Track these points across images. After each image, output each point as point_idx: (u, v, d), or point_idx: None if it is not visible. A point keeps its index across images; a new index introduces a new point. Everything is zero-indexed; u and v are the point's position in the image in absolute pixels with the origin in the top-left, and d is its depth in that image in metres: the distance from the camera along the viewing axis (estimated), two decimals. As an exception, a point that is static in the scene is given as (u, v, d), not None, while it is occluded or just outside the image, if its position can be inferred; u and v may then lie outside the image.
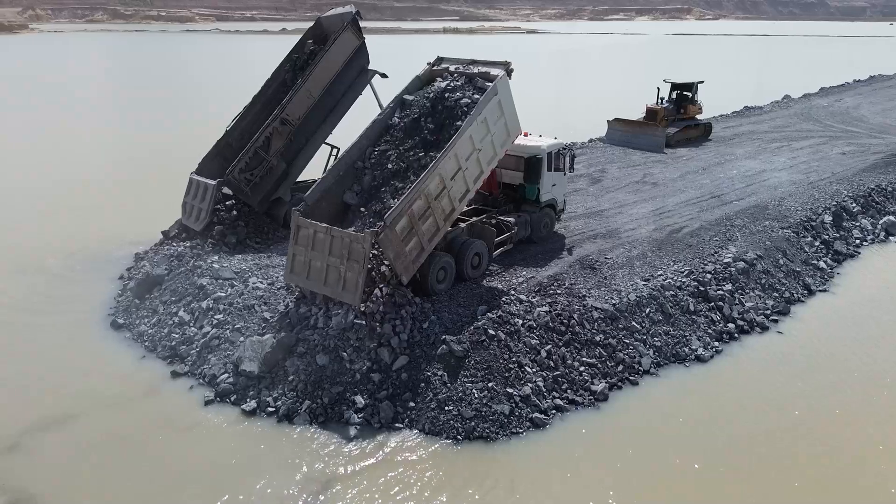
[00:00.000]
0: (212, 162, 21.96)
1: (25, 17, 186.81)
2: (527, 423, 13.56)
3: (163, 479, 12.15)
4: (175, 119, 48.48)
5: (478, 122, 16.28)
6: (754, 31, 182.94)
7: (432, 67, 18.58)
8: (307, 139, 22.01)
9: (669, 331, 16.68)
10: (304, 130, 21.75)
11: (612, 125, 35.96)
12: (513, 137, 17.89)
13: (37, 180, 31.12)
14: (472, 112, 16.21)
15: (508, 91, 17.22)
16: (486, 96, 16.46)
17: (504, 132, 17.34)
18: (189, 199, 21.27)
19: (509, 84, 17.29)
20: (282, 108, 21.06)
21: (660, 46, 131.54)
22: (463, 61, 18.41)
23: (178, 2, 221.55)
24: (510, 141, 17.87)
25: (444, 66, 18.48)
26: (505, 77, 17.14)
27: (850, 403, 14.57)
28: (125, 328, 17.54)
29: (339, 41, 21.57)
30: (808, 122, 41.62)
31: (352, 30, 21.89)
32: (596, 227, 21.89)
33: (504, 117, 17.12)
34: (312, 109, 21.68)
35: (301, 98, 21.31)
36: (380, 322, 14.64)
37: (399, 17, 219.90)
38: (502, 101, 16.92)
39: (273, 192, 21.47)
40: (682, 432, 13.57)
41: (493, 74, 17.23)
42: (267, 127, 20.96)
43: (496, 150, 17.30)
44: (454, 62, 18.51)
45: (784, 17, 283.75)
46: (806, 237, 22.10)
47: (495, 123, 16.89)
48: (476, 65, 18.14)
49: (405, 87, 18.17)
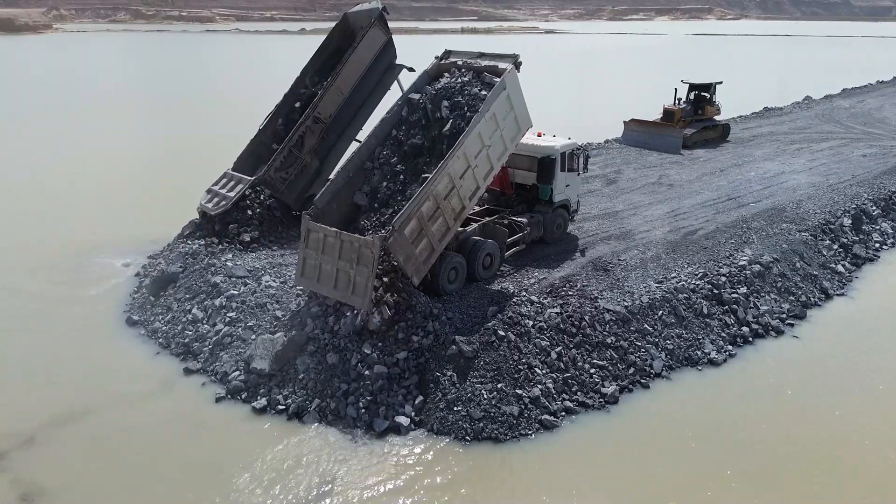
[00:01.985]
0: (246, 160, 22.31)
1: (50, 18, 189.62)
2: (536, 425, 13.51)
3: (171, 474, 12.27)
4: (197, 119, 48.92)
5: (486, 119, 16.03)
6: (776, 32, 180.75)
7: (440, 61, 18.31)
8: (339, 136, 22.28)
9: (682, 334, 16.52)
10: (335, 127, 22.02)
11: (628, 126, 35.71)
12: (524, 131, 17.55)
13: (57, 178, 31.56)
14: (481, 109, 15.99)
15: (517, 84, 16.88)
16: (493, 92, 16.18)
17: (514, 126, 17.05)
18: (216, 188, 21.58)
19: (518, 77, 16.98)
20: (314, 107, 21.27)
21: (679, 47, 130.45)
22: (471, 54, 18.13)
23: (198, 2, 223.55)
24: (521, 135, 17.57)
25: (452, 61, 18.18)
26: (513, 70, 16.79)
27: (867, 410, 14.31)
28: (140, 325, 17.73)
29: (366, 38, 21.67)
30: (829, 123, 41.05)
31: (379, 26, 21.97)
32: (610, 228, 21.76)
33: (514, 111, 16.82)
34: (343, 107, 21.89)
35: (332, 96, 21.52)
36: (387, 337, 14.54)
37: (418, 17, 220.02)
38: (511, 96, 16.60)
39: (307, 190, 21.68)
40: (693, 437, 13.43)
41: (502, 68, 16.89)
42: (300, 126, 21.19)
43: (506, 145, 17.06)
44: (462, 55, 18.26)
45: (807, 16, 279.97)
46: (824, 240, 21.79)
47: (505, 118, 16.61)
48: (484, 58, 17.80)
49: (413, 83, 18.08)
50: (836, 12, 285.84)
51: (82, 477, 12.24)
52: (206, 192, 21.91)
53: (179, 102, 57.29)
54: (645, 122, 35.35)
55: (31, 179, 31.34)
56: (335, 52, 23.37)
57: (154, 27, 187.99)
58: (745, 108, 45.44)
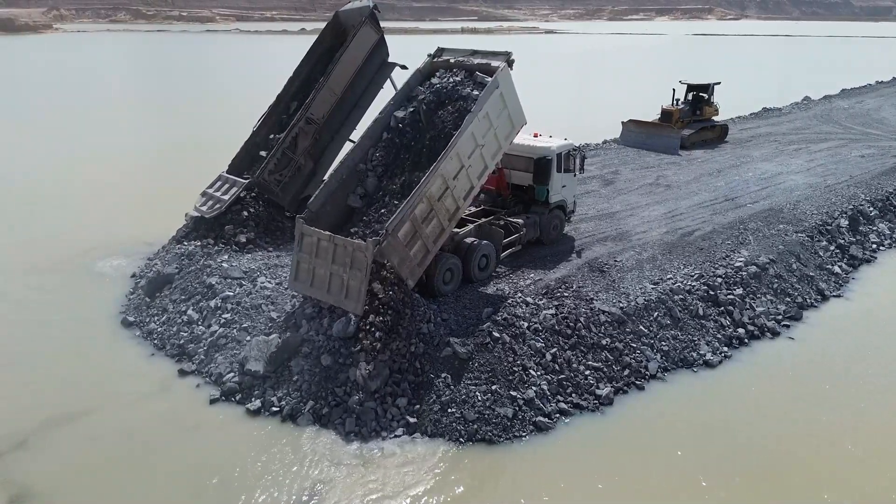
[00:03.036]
0: (241, 162, 22.31)
1: (50, 17, 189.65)
2: (530, 427, 13.48)
3: (163, 476, 12.24)
4: (195, 119, 48.93)
5: (479, 118, 15.94)
6: (776, 32, 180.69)
7: (433, 59, 18.25)
8: (332, 136, 22.25)
9: (678, 335, 16.50)
10: (328, 128, 21.96)
11: (626, 126, 35.71)
12: (517, 128, 17.47)
13: (54, 178, 31.54)
14: (473, 108, 15.90)
15: (510, 82, 16.81)
16: (486, 91, 16.10)
17: (508, 124, 16.97)
18: (211, 191, 21.55)
19: (511, 75, 16.91)
20: (306, 108, 21.23)
21: (679, 47, 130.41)
22: (464, 52, 18.08)
23: (199, 2, 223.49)
24: (515, 132, 17.50)
25: (445, 59, 18.12)
26: (506, 68, 16.73)
27: (864, 413, 14.28)
28: (135, 326, 17.70)
29: (357, 37, 21.64)
30: (828, 124, 41.03)
31: (370, 24, 21.94)
32: (606, 229, 21.74)
33: (507, 109, 16.72)
34: (336, 106, 21.86)
35: (324, 96, 21.49)
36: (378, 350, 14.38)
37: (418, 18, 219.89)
38: (504, 94, 16.52)
39: (302, 191, 21.65)
40: (688, 439, 13.40)
41: (494, 66, 16.82)
42: (293, 127, 21.15)
43: (501, 144, 16.98)
44: (455, 53, 18.18)
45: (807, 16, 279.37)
46: (821, 241, 21.76)
47: (498, 117, 16.52)
48: (477, 56, 17.73)
49: (406, 81, 17.98)
50: (836, 12, 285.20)
51: (74, 479, 12.21)
52: (200, 195, 21.88)
53: (177, 102, 57.29)
54: (643, 123, 35.34)
55: (27, 179, 31.27)
56: (328, 51, 23.34)
57: (154, 27, 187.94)
58: (743, 108, 45.41)
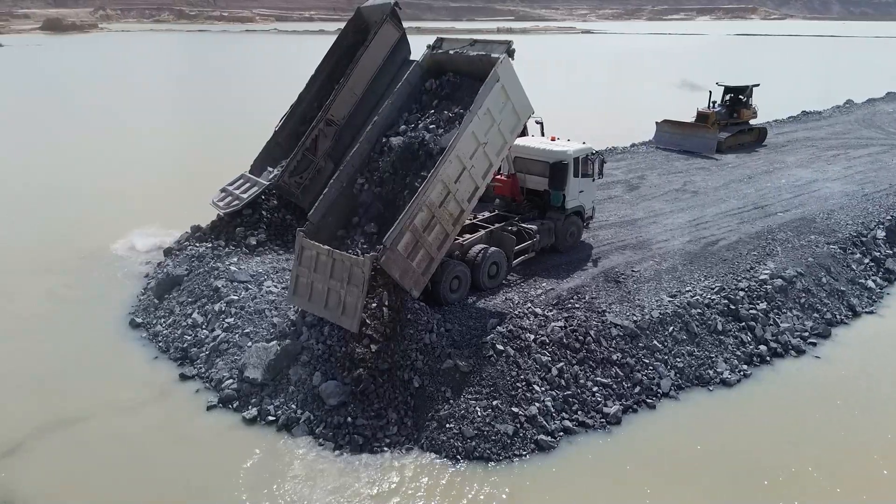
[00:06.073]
0: (263, 163, 22.16)
1: (96, 17, 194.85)
2: (531, 445, 12.91)
3: (153, 484, 12.04)
4: (219, 121, 49.31)
5: (479, 116, 15.14)
6: (822, 32, 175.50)
7: (432, 51, 17.42)
8: (353, 137, 21.84)
9: (693, 351, 15.72)
10: (349, 129, 21.56)
11: (660, 127, 34.78)
12: (524, 119, 16.64)
13: (72, 180, 31.89)
14: (472, 107, 15.13)
15: (512, 72, 15.90)
16: (486, 86, 15.23)
17: (513, 117, 16.12)
18: (231, 188, 21.45)
19: (512, 65, 15.99)
20: (326, 109, 20.93)
21: (719, 47, 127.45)
22: (463, 42, 17.24)
23: (239, 3, 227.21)
24: (521, 123, 16.67)
25: (444, 50, 17.27)
26: (507, 59, 15.79)
27: (892, 440, 13.37)
28: (143, 327, 17.64)
29: (379, 35, 21.22)
30: (870, 128, 39.33)
31: (391, 22, 21.49)
32: (626, 237, 20.97)
33: (511, 101, 15.87)
34: (356, 107, 21.44)
35: (344, 97, 21.14)
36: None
37: (455, 17, 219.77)
38: (506, 86, 15.64)
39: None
40: (700, 463, 12.68)
41: (494, 58, 15.88)
42: (313, 129, 20.86)
43: (506, 138, 16.18)
44: (454, 43, 17.36)
45: (856, 17, 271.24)
46: (854, 254, 20.65)
47: (501, 111, 15.70)
48: (476, 46, 16.83)
49: (406, 78, 17.23)
50: (886, 12, 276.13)
51: (64, 485, 12.08)
52: (220, 190, 21.80)
53: (207, 102, 57.86)
54: (678, 123, 34.35)
55: (42, 182, 31.75)
56: (350, 48, 22.91)
57: (196, 27, 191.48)
58: (782, 111, 43.89)
